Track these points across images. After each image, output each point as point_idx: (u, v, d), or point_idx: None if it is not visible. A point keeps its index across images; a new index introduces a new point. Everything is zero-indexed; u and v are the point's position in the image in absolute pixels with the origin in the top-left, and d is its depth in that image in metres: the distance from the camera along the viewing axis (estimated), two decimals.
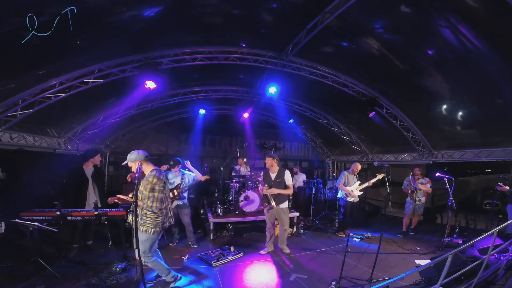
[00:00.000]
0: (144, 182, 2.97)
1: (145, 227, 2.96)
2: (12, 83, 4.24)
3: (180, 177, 4.81)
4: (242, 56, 5.42)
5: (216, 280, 3.62)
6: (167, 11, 3.99)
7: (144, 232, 2.96)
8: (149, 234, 2.97)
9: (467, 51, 4.05)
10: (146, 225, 2.97)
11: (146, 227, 2.96)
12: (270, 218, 4.66)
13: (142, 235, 2.95)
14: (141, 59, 4.98)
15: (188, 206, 4.91)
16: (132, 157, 3.02)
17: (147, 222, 2.97)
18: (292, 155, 11.40)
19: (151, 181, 2.95)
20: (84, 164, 4.39)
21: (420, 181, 5.74)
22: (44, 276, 3.31)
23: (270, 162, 4.56)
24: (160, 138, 9.41)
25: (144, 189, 2.94)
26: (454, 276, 2.79)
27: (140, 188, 2.94)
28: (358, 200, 5.94)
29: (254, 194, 6.19)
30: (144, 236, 2.96)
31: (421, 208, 5.80)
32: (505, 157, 5.39)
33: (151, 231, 2.97)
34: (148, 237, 2.98)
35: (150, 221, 2.98)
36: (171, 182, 4.78)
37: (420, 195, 5.72)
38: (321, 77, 5.93)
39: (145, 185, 2.94)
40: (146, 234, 2.97)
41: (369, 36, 4.59)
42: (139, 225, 2.94)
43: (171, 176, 4.81)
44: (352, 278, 3.62)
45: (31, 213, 3.66)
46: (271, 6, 4.19)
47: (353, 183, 5.71)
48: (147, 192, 2.93)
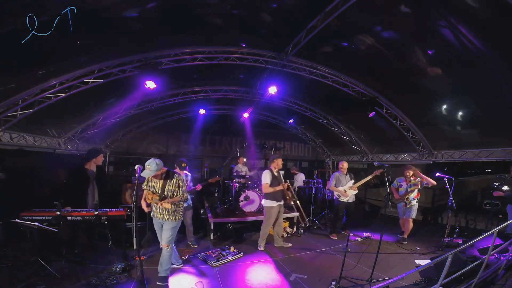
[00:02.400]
0: (172, 182, 3.32)
1: (178, 216, 3.38)
2: (12, 83, 4.24)
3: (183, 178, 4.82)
4: (242, 56, 5.42)
5: (216, 280, 3.62)
6: (167, 11, 3.99)
7: (176, 221, 3.36)
8: (179, 221, 3.40)
9: (467, 51, 4.05)
10: (179, 214, 3.40)
11: (179, 215, 3.40)
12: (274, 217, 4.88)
13: (173, 223, 3.34)
14: (141, 59, 4.98)
15: (191, 207, 4.93)
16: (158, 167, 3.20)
17: (180, 211, 3.40)
18: (292, 155, 11.40)
19: (179, 178, 3.36)
20: (87, 164, 4.38)
21: (413, 183, 5.23)
22: (44, 276, 3.31)
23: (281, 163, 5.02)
24: (160, 138, 9.42)
25: (176, 187, 3.32)
26: (454, 276, 2.79)
27: (170, 188, 3.30)
28: (353, 200, 5.91)
29: (254, 194, 6.19)
30: (175, 224, 3.36)
31: (412, 211, 5.21)
32: (505, 157, 5.39)
33: (180, 218, 3.42)
34: (178, 224, 3.41)
35: (181, 209, 3.44)
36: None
37: (411, 197, 5.19)
38: (321, 77, 5.93)
39: (174, 183, 3.31)
40: (177, 222, 3.38)
41: (369, 36, 4.59)
42: (171, 216, 3.30)
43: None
44: (352, 278, 3.62)
45: (31, 213, 3.67)
46: (271, 6, 4.19)
47: (345, 182, 5.68)
48: (181, 188, 3.33)
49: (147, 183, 3.40)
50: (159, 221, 3.37)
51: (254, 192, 6.24)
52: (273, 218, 4.84)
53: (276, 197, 4.80)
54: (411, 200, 5.21)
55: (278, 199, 4.82)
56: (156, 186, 3.30)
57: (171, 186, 3.31)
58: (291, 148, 11.34)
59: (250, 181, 6.66)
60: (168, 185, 3.30)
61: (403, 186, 5.32)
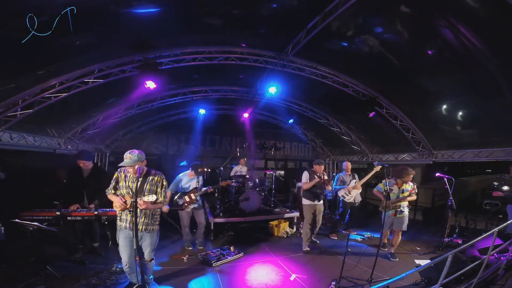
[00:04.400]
0: (153, 180, 2.89)
1: (156, 226, 2.98)
2: (12, 83, 4.23)
3: (195, 181, 4.81)
4: (242, 56, 5.42)
5: (216, 280, 3.63)
6: (167, 11, 3.99)
7: (155, 232, 2.97)
8: (158, 232, 3.02)
9: (467, 51, 4.05)
10: (157, 223, 3.00)
11: (157, 225, 3.00)
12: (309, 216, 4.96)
13: (154, 233, 2.96)
14: (141, 59, 4.97)
15: (202, 206, 4.98)
16: (141, 158, 2.81)
17: (158, 219, 3.01)
18: (292, 155, 11.40)
19: (163, 178, 2.96)
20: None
21: (405, 188, 4.44)
22: (44, 276, 3.31)
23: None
24: (160, 138, 9.41)
25: (159, 188, 2.91)
26: (454, 276, 2.79)
27: (153, 188, 2.86)
28: (360, 200, 5.96)
29: (254, 194, 6.19)
30: (156, 232, 2.99)
31: (404, 222, 4.42)
32: (505, 157, 5.38)
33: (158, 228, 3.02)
34: (157, 234, 3.03)
35: (159, 218, 3.02)
36: (187, 186, 4.77)
37: (403, 205, 4.43)
38: (321, 77, 5.93)
39: (157, 182, 2.90)
40: (157, 232, 3.00)
41: (369, 36, 4.59)
42: (154, 226, 2.95)
43: (186, 180, 4.79)
44: (352, 278, 3.63)
45: (31, 213, 3.67)
46: (271, 6, 4.19)
47: (348, 182, 5.78)
48: (163, 190, 2.94)
49: (115, 184, 2.92)
50: (140, 234, 2.81)
51: (254, 192, 6.24)
52: (308, 216, 4.89)
53: (310, 197, 4.90)
54: (402, 208, 4.42)
55: (311, 199, 4.90)
56: (133, 186, 2.78)
57: (153, 186, 2.86)
58: (291, 148, 11.33)
59: (250, 181, 6.66)
60: (149, 184, 2.85)
61: (393, 191, 4.48)
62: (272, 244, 5.24)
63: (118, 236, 2.92)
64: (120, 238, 2.90)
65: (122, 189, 2.87)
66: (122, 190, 2.88)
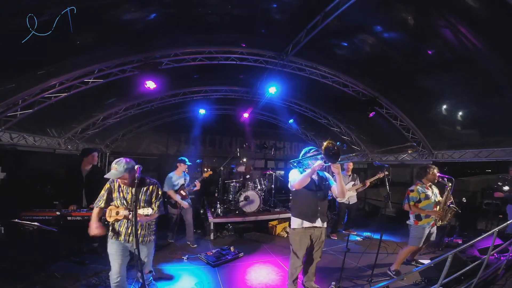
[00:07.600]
0: (148, 190, 2.71)
1: (152, 236, 2.87)
2: (12, 83, 4.23)
3: (183, 178, 4.89)
4: (242, 56, 5.41)
5: (216, 280, 3.63)
6: (167, 11, 3.99)
7: (152, 242, 2.86)
8: (154, 242, 2.92)
9: (467, 51, 4.05)
10: (153, 234, 2.87)
11: (153, 235, 2.89)
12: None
13: (150, 246, 2.85)
14: (141, 59, 4.97)
15: (191, 205, 5.02)
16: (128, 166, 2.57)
17: (154, 229, 2.89)
18: (292, 155, 11.40)
19: (158, 187, 2.81)
20: (82, 164, 4.37)
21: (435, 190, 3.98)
22: (44, 276, 3.31)
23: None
24: (160, 138, 9.41)
25: (154, 198, 2.75)
26: (454, 276, 2.79)
27: (147, 198, 2.70)
28: (355, 201, 5.94)
29: (254, 194, 6.19)
30: (152, 246, 2.88)
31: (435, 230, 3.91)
32: (505, 157, 5.38)
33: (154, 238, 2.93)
34: (154, 245, 2.92)
35: (155, 228, 2.90)
36: (176, 183, 4.82)
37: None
38: (321, 77, 5.93)
39: (151, 192, 2.73)
40: (153, 242, 2.90)
41: (369, 36, 4.59)
42: (152, 236, 2.85)
43: (175, 178, 4.85)
44: (352, 278, 3.63)
45: (31, 213, 3.67)
46: (271, 6, 4.19)
47: (346, 184, 5.73)
48: (158, 200, 2.77)
49: (108, 196, 2.69)
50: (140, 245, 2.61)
51: (254, 192, 6.24)
52: (297, 245, 4.57)
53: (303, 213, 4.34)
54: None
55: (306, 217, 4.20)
56: (128, 196, 2.63)
57: (148, 196, 2.70)
58: (291, 148, 11.34)
59: (251, 181, 6.66)
60: (144, 195, 2.69)
61: (430, 197, 3.78)
62: (272, 244, 5.24)
63: (108, 245, 2.71)
64: (111, 247, 2.68)
65: (116, 200, 2.66)
66: (116, 202, 2.67)
